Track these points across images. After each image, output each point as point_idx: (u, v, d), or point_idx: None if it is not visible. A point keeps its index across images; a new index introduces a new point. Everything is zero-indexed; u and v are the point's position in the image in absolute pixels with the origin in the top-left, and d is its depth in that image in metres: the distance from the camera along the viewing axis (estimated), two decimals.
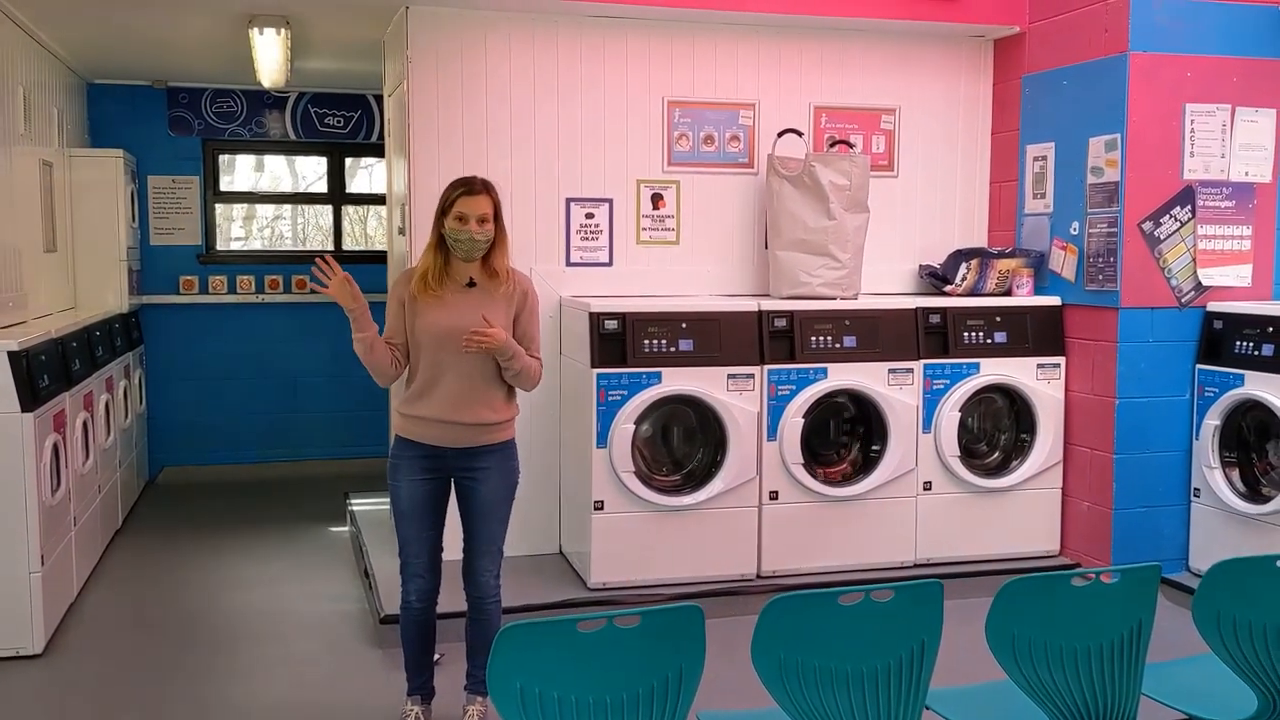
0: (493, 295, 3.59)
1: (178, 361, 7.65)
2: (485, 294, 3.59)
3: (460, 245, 3.53)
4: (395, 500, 3.68)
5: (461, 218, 3.51)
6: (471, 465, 3.63)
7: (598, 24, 5.33)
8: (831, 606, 2.38)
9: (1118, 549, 5.10)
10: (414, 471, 3.63)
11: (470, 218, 3.50)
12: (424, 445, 3.62)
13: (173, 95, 7.56)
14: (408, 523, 3.67)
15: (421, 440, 3.62)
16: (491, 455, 3.65)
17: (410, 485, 3.64)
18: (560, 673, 2.23)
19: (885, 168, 5.70)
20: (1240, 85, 5.04)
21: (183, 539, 6.24)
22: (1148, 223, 4.99)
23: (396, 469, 3.67)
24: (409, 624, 3.74)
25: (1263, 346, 4.78)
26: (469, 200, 3.51)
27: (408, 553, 3.69)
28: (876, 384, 5.08)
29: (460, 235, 3.51)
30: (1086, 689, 2.56)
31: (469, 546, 3.71)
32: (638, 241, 5.46)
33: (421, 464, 3.63)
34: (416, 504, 3.65)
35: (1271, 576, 2.64)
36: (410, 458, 3.64)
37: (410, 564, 3.69)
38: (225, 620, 4.98)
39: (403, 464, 3.66)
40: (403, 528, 3.68)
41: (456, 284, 3.59)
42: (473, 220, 3.51)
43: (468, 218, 3.50)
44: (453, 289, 3.58)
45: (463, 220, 3.51)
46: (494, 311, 3.55)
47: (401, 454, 3.67)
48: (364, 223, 8.66)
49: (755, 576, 5.04)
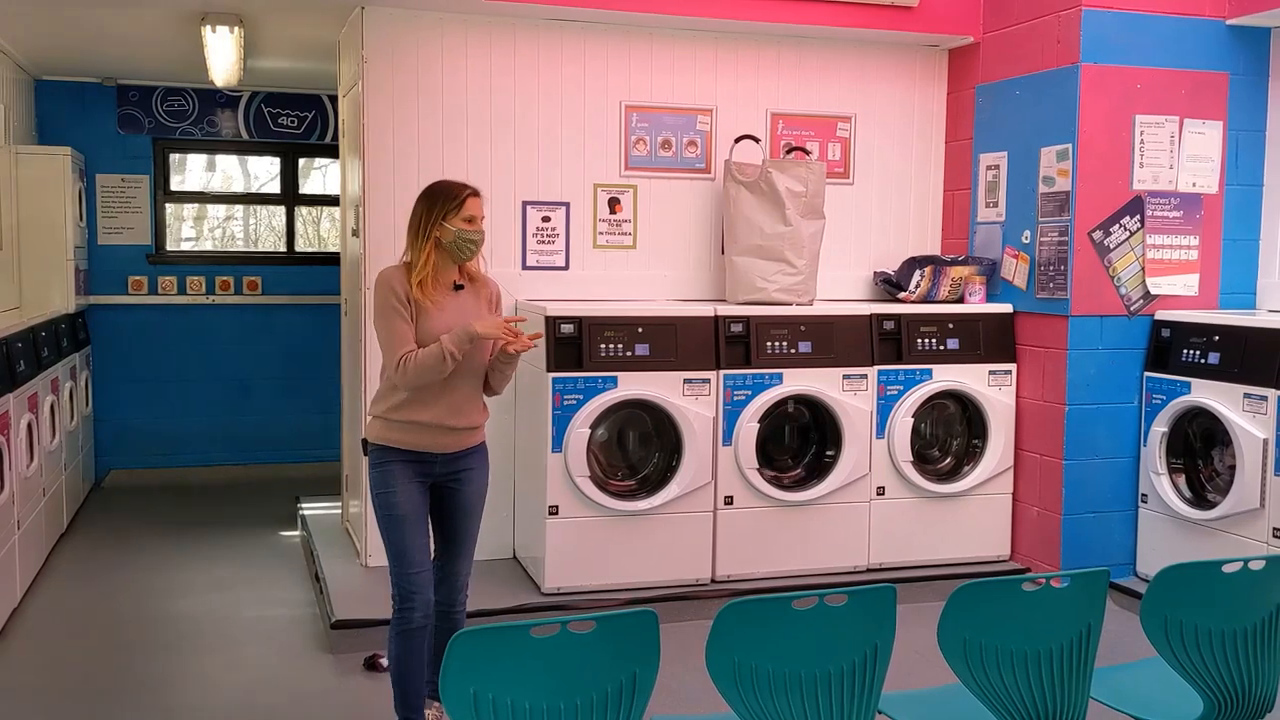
0: (478, 297, 3.58)
1: (126, 363, 7.54)
2: (473, 296, 3.57)
3: (470, 247, 3.48)
4: (389, 509, 3.46)
5: (472, 219, 3.47)
6: (456, 469, 3.55)
7: (555, 27, 5.32)
8: (786, 611, 2.38)
9: (1067, 554, 5.17)
10: (406, 476, 3.47)
11: (479, 218, 3.50)
12: (411, 451, 3.48)
13: (123, 93, 7.46)
14: (408, 529, 3.46)
15: (412, 447, 3.47)
16: (474, 456, 3.60)
17: (406, 489, 3.46)
18: (514, 678, 2.21)
19: (841, 175, 5.74)
20: (1188, 97, 5.12)
21: (130, 543, 6.14)
22: (1098, 232, 5.06)
23: (386, 476, 3.48)
24: (413, 648, 3.48)
25: (1209, 355, 4.86)
26: (477, 201, 3.51)
27: (410, 564, 3.45)
28: (831, 390, 5.10)
29: (474, 236, 3.47)
30: (1036, 693, 2.58)
31: (449, 551, 3.60)
32: (594, 245, 5.45)
33: (410, 467, 3.49)
34: (416, 508, 3.48)
35: (1218, 582, 2.68)
36: (400, 463, 3.48)
37: (414, 577, 3.45)
38: (173, 626, 4.90)
39: (393, 469, 3.47)
40: (403, 536, 3.46)
41: (445, 288, 3.52)
42: (480, 221, 3.51)
43: (477, 218, 3.49)
44: (443, 292, 3.51)
45: (472, 221, 3.48)
46: (481, 314, 3.54)
47: (389, 460, 3.48)
48: (317, 224, 8.58)
49: (710, 581, 5.05)
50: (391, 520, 3.46)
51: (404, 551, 3.46)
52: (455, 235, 3.45)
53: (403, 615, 3.47)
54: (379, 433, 3.52)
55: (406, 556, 3.45)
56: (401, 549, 3.46)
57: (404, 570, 3.46)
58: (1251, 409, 4.63)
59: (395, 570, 3.48)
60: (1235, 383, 4.71)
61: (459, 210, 3.46)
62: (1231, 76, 5.17)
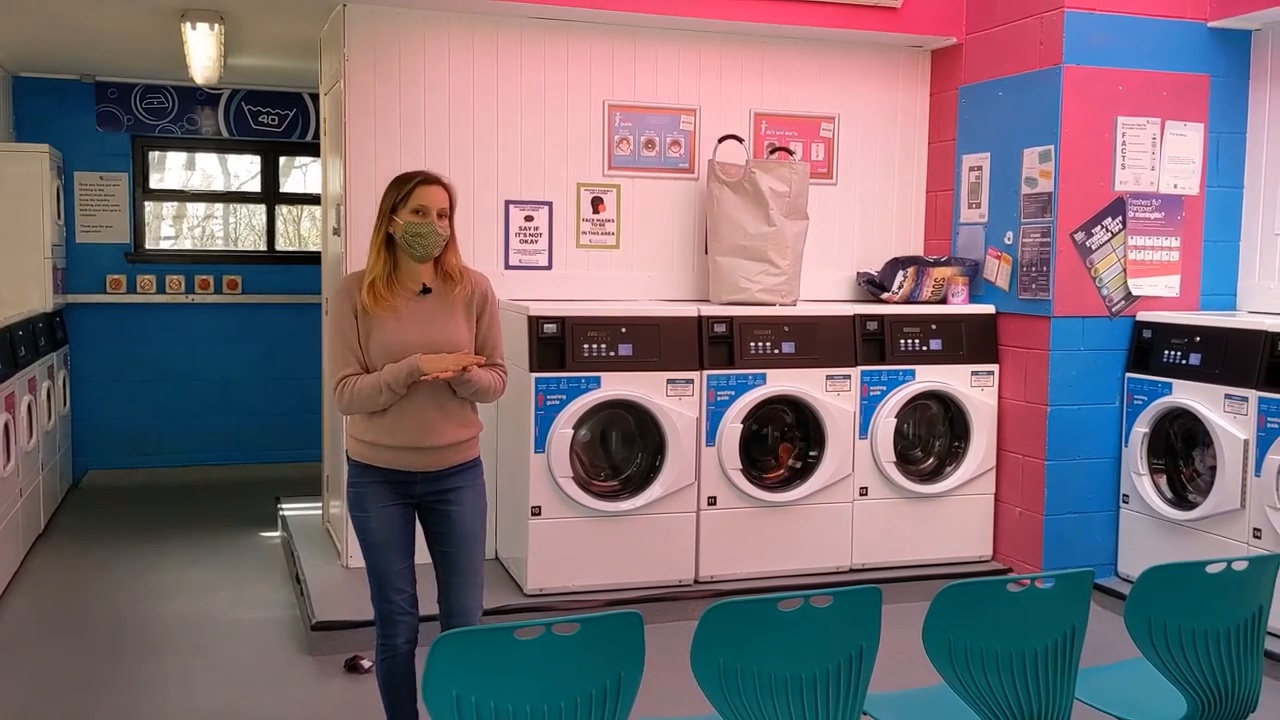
0: (450, 301, 3.24)
1: (104, 362, 7.48)
2: (442, 300, 3.23)
3: (420, 242, 3.14)
4: (365, 533, 3.24)
5: (421, 210, 3.13)
6: (442, 488, 3.26)
7: (538, 26, 5.31)
8: (771, 613, 2.37)
9: (1048, 554, 5.18)
10: (383, 497, 3.23)
11: (431, 210, 3.14)
12: (388, 470, 3.23)
13: (101, 90, 7.40)
14: (386, 553, 3.23)
15: (390, 465, 3.22)
16: (463, 474, 3.29)
17: (382, 512, 3.22)
18: (497, 681, 2.20)
19: (824, 175, 5.74)
20: (1170, 99, 5.14)
21: (108, 544, 6.09)
22: (1080, 233, 5.07)
23: (362, 498, 3.24)
24: (399, 672, 3.28)
25: (1190, 356, 4.88)
26: (428, 191, 3.15)
27: (390, 588, 3.24)
28: (814, 390, 5.10)
29: (422, 229, 3.12)
30: (1021, 694, 2.58)
31: (451, 582, 3.30)
32: (577, 245, 5.44)
33: (389, 488, 3.23)
34: (394, 531, 3.23)
35: (1202, 583, 2.68)
36: (376, 483, 3.23)
37: (394, 601, 3.24)
38: (152, 628, 4.86)
39: (368, 491, 3.23)
40: (381, 560, 3.23)
41: (409, 291, 3.20)
42: (433, 213, 3.15)
43: (428, 210, 3.14)
44: (405, 297, 3.19)
45: (422, 213, 3.13)
46: (454, 320, 3.23)
47: (364, 480, 3.25)
48: (298, 223, 8.54)
49: (693, 582, 5.04)
50: (367, 546, 3.26)
51: (382, 577, 3.25)
52: (404, 229, 3.14)
53: (385, 642, 3.28)
54: (355, 449, 3.28)
55: (384, 582, 3.25)
56: (379, 574, 3.25)
57: (383, 595, 3.26)
58: (1232, 410, 4.65)
59: (375, 595, 3.28)
60: (1216, 384, 4.73)
61: (406, 201, 3.15)
62: (1212, 79, 5.20)
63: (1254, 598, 2.76)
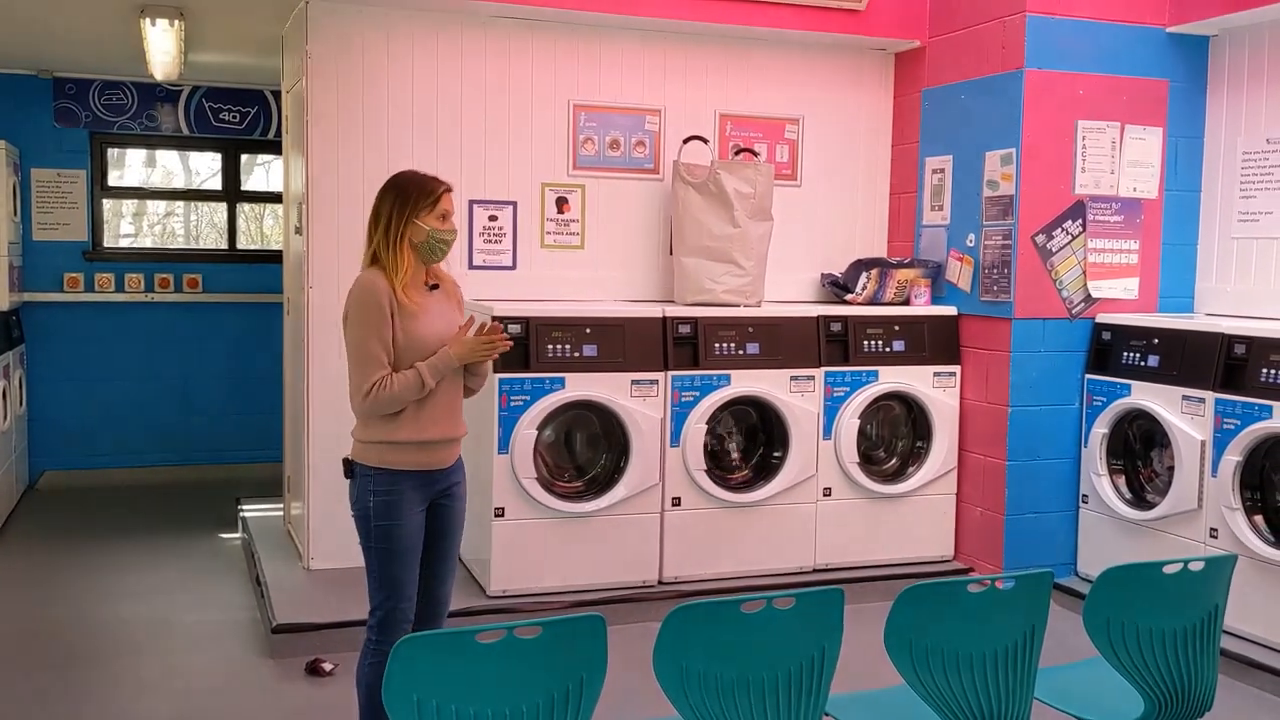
0: (449, 297, 3.37)
1: (61, 361, 7.37)
2: (446, 297, 3.35)
3: (444, 246, 3.25)
4: (390, 541, 3.19)
5: (445, 216, 3.24)
6: (450, 483, 3.33)
7: (503, 24, 5.29)
8: (733, 614, 2.37)
9: (1009, 553, 5.22)
10: (413, 504, 3.22)
11: (450, 216, 3.27)
12: (418, 474, 3.23)
13: (59, 86, 7.29)
14: (405, 563, 3.21)
15: (423, 467, 3.23)
16: (459, 469, 3.39)
17: (412, 520, 3.21)
18: (458, 685, 2.19)
19: (789, 177, 5.76)
20: (1129, 104, 5.20)
21: (64, 547, 6.01)
22: (1040, 236, 5.12)
23: (393, 506, 3.19)
24: None
25: (1148, 357, 4.93)
26: (450, 198, 3.28)
27: (403, 597, 3.22)
28: (779, 391, 5.11)
29: (448, 236, 3.25)
30: (981, 693, 2.60)
31: (435, 574, 3.32)
32: (542, 245, 5.42)
33: (419, 493, 3.24)
34: (418, 540, 3.25)
35: (1159, 583, 2.71)
36: (409, 489, 3.21)
37: (403, 608, 3.22)
38: (109, 632, 4.79)
39: (403, 499, 3.19)
40: (403, 571, 3.21)
41: (421, 288, 3.28)
42: (451, 219, 3.28)
43: (449, 216, 3.26)
44: (421, 294, 3.26)
45: (445, 219, 3.24)
46: (455, 313, 3.36)
47: (398, 488, 3.19)
48: (260, 221, 8.46)
49: (657, 583, 5.03)
50: (391, 554, 3.20)
51: (397, 584, 3.21)
52: (429, 235, 3.20)
53: (381, 646, 3.18)
54: (382, 456, 3.20)
55: (399, 590, 3.21)
56: (395, 582, 3.21)
57: (396, 603, 3.22)
58: (1190, 411, 4.71)
59: (385, 601, 3.22)
60: (1174, 385, 4.78)
61: (433, 208, 3.21)
62: (1171, 84, 5.26)
63: (1210, 597, 2.79)
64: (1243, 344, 4.54)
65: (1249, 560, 4.33)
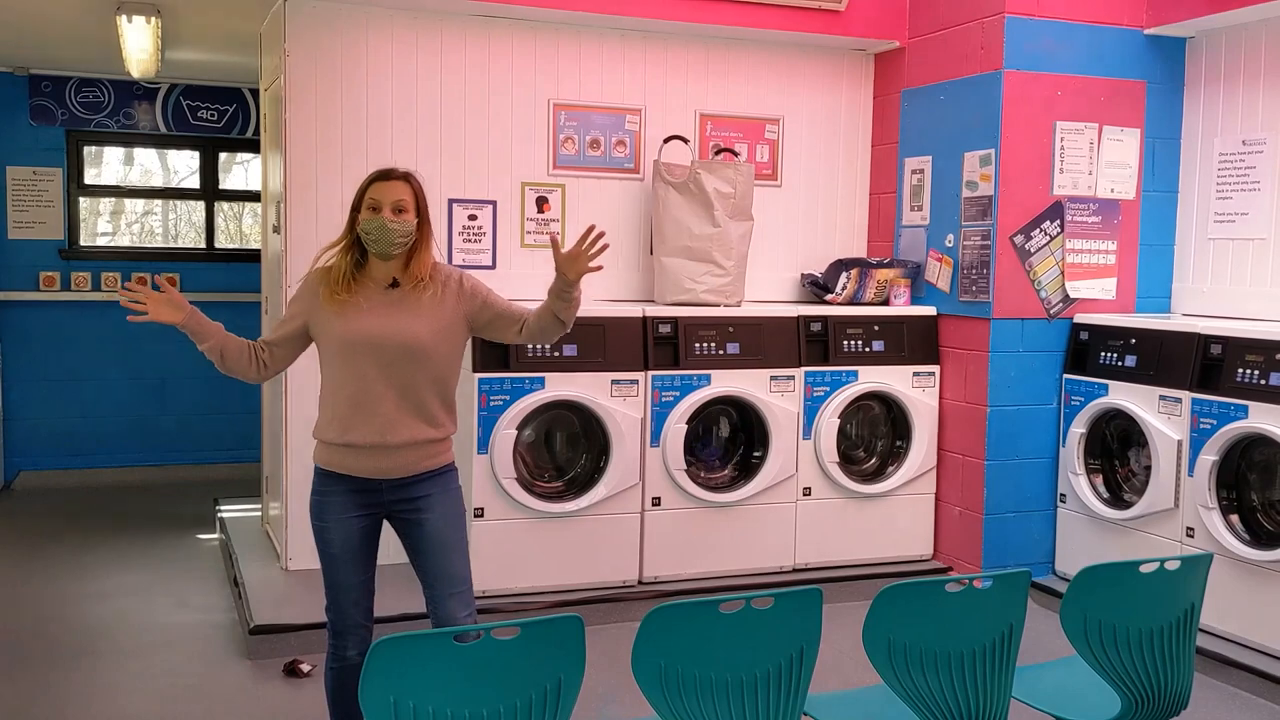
0: (418, 298, 3.14)
1: (37, 361, 7.32)
2: (412, 296, 3.13)
3: (373, 238, 3.07)
4: (324, 544, 3.15)
5: (374, 206, 3.07)
6: (410, 497, 3.15)
7: (483, 23, 5.27)
8: (712, 615, 2.37)
9: (988, 553, 5.24)
10: (346, 508, 3.12)
11: (383, 205, 3.06)
12: (353, 478, 3.13)
13: (35, 83, 7.24)
14: (343, 568, 3.14)
15: (351, 473, 3.12)
16: (433, 481, 3.17)
17: (342, 524, 3.12)
18: (435, 686, 2.18)
19: (769, 177, 5.76)
20: (1107, 105, 5.23)
21: (39, 547, 5.96)
22: (1019, 236, 5.14)
23: (324, 508, 3.14)
24: (348, 683, 3.06)
25: (1126, 357, 4.96)
26: (383, 186, 3.09)
27: (343, 603, 3.16)
28: (759, 391, 5.12)
29: (372, 225, 3.05)
30: (960, 693, 2.60)
31: (433, 594, 3.18)
32: (522, 244, 5.41)
33: (353, 498, 3.13)
34: (353, 546, 3.14)
35: (1136, 582, 2.72)
36: (339, 492, 3.13)
37: (347, 614, 3.16)
38: (85, 633, 4.76)
39: (331, 500, 3.13)
40: (337, 574, 3.15)
41: (377, 285, 3.13)
42: (386, 208, 3.06)
43: (380, 205, 3.06)
44: (373, 290, 3.12)
45: (375, 209, 3.06)
46: (420, 316, 3.12)
47: (328, 489, 3.15)
48: (239, 220, 8.41)
49: (637, 582, 5.03)
50: (324, 556, 3.16)
51: (338, 590, 3.16)
52: (361, 226, 3.10)
53: (335, 653, 3.19)
54: (319, 455, 3.19)
55: (340, 596, 3.17)
56: (334, 586, 3.17)
57: (337, 608, 3.18)
58: (1167, 410, 4.74)
59: (328, 606, 3.20)
60: (1151, 385, 4.81)
61: (362, 197, 3.11)
62: (1149, 85, 5.29)
63: (1186, 596, 2.81)
64: (1219, 344, 4.57)
65: (1225, 559, 4.36)
